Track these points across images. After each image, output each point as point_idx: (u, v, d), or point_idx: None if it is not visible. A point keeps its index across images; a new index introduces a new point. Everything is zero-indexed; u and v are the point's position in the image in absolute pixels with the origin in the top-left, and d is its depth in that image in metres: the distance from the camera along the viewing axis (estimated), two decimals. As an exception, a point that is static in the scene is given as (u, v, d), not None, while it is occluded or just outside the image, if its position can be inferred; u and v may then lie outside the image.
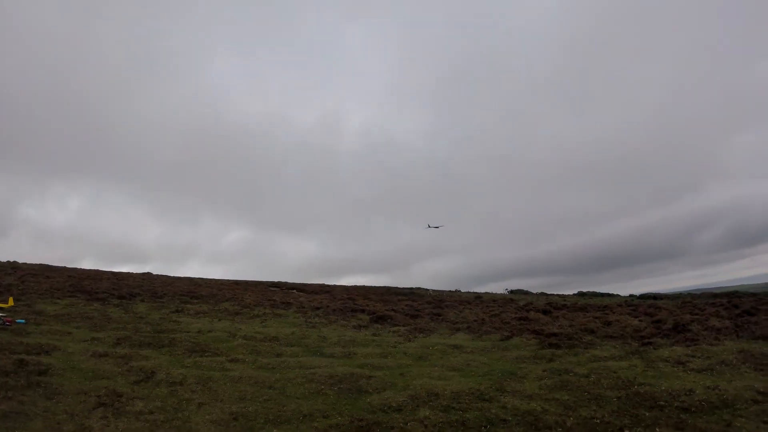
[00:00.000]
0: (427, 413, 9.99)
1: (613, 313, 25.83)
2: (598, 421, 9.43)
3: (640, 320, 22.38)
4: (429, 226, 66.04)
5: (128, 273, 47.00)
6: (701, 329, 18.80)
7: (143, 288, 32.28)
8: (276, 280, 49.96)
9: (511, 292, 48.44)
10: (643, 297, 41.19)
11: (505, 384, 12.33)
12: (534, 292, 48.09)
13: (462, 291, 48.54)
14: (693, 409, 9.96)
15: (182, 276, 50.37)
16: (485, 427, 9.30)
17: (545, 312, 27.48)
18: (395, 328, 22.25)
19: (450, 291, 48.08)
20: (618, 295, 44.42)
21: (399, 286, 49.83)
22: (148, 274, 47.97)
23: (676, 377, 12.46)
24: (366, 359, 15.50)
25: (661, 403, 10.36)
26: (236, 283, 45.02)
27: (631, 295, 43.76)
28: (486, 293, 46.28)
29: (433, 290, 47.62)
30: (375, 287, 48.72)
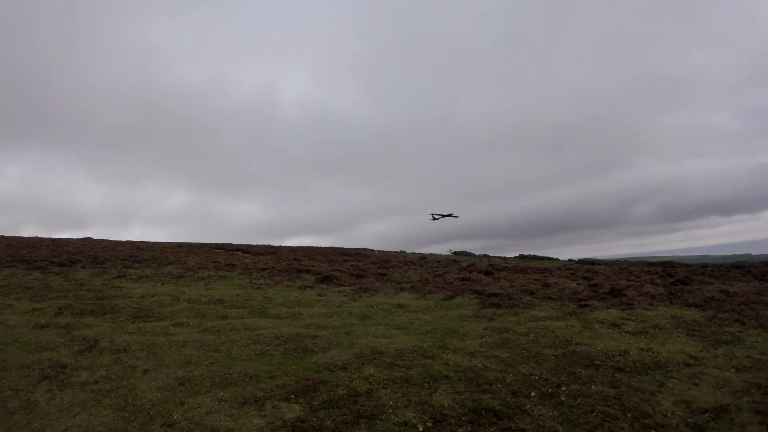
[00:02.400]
0: (372, 371, 10.11)
1: (552, 275, 26.66)
2: (537, 377, 9.78)
3: (577, 283, 23.19)
4: (434, 218, 57.91)
5: (68, 239, 45.40)
6: (636, 294, 19.64)
7: (84, 254, 31.35)
8: (220, 242, 49.16)
9: (455, 253, 49.12)
10: (581, 262, 42.50)
11: (447, 342, 12.62)
12: (477, 254, 48.96)
13: (407, 252, 48.98)
14: (627, 369, 10.47)
15: (124, 240, 49.00)
16: (428, 383, 9.47)
17: (487, 273, 28.12)
18: (341, 288, 22.33)
19: (395, 252, 48.42)
20: (557, 260, 45.72)
21: (344, 247, 49.86)
22: (89, 239, 46.39)
23: (611, 338, 13.06)
24: (311, 319, 15.52)
25: (597, 362, 10.85)
26: (179, 245, 44.02)
27: (569, 260, 45.10)
28: (431, 254, 46.85)
29: (379, 251, 47.81)
30: (320, 248, 48.58)
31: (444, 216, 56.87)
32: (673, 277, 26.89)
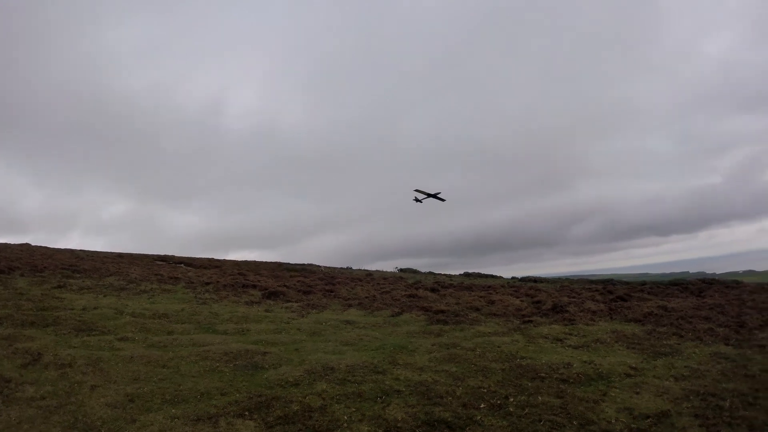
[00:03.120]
0: (324, 386, 10.14)
1: (497, 293, 27.20)
2: (485, 390, 10.06)
3: (521, 300, 23.74)
4: (417, 200, 52.98)
5: (5, 244, 43.38)
6: (578, 310, 20.29)
7: (22, 261, 29.86)
8: (161, 253, 47.88)
9: (401, 270, 49.39)
10: (524, 279, 43.54)
11: (397, 357, 12.78)
12: (423, 271, 49.38)
13: (353, 268, 48.95)
14: (571, 380, 10.92)
15: (63, 248, 47.04)
16: (381, 397, 9.60)
17: (433, 290, 28.48)
18: (288, 304, 22.18)
19: (342, 268, 48.32)
20: (501, 277, 46.62)
21: (290, 262, 49.45)
22: (27, 245, 44.25)
23: (555, 352, 13.52)
24: (260, 335, 15.40)
25: (542, 374, 11.25)
26: (120, 256, 42.58)
27: (513, 278, 46.09)
28: (377, 271, 46.98)
29: (325, 267, 47.60)
30: (266, 263, 47.97)
31: (429, 196, 52.48)
32: (613, 294, 27.89)
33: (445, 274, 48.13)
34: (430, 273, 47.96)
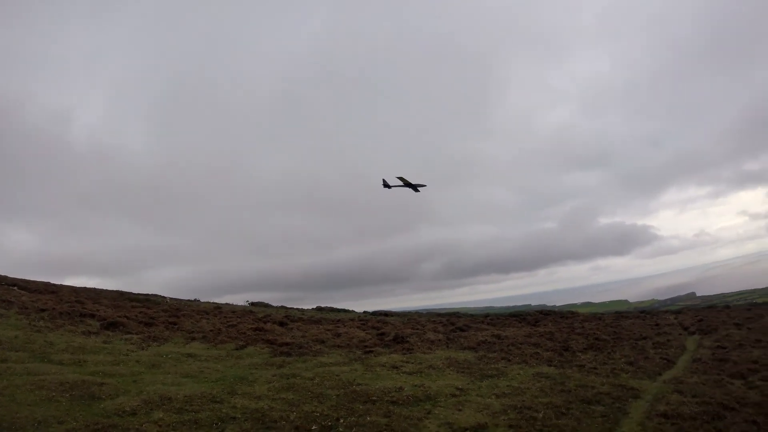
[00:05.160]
0: (161, 415, 10.12)
1: (345, 326, 27.90)
2: (318, 414, 10.62)
3: (366, 332, 24.62)
4: (386, 185, 50.23)
5: None
6: (418, 341, 21.52)
7: None
8: (-7, 272, 43.08)
9: (252, 304, 48.65)
10: (376, 313, 44.69)
11: (236, 387, 12.94)
12: (274, 305, 48.94)
13: (201, 301, 47.41)
14: (401, 402, 11.85)
15: None
16: (216, 424, 9.81)
17: (282, 324, 28.55)
18: (128, 336, 21.19)
19: (188, 300, 46.63)
20: (353, 311, 47.43)
21: (133, 292, 46.87)
22: None
23: (390, 378, 14.43)
24: (97, 367, 14.72)
25: (374, 398, 12.05)
26: (-58, 275, 38.16)
27: (364, 312, 47.10)
28: (226, 304, 45.87)
29: (171, 298, 45.67)
30: (107, 290, 44.97)
31: (408, 185, 49.93)
32: (455, 325, 29.80)
33: (297, 308, 48.05)
34: (282, 307, 47.63)
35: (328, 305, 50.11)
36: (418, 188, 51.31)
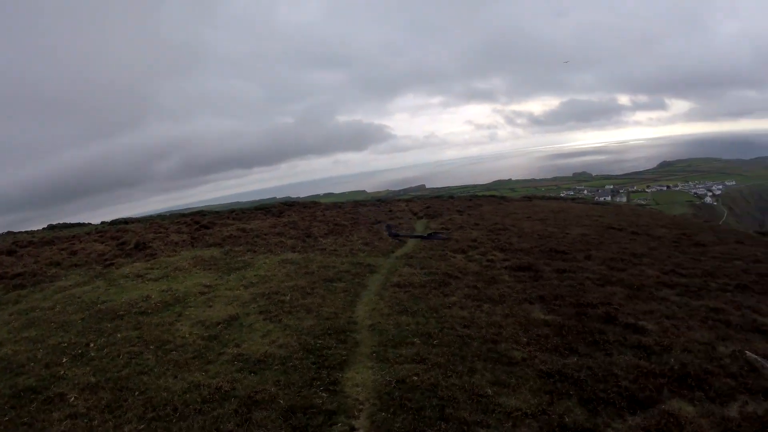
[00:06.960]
0: None
1: (81, 242, 26.29)
2: (66, 344, 10.32)
3: (106, 245, 23.57)
4: None
5: None
6: (162, 245, 21.35)
7: None
8: None
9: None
10: (114, 222, 42.43)
11: (-33, 339, 11.92)
12: None
13: None
14: (150, 311, 12.11)
15: None
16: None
17: (10, 253, 25.92)
18: None
19: None
20: (90, 224, 44.37)
21: None
22: None
23: (135, 289, 14.44)
24: None
25: (121, 312, 12.10)
26: None
27: (102, 222, 44.37)
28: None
29: None
30: None
31: None
32: (200, 223, 29.84)
33: (26, 231, 43.54)
34: (9, 233, 42.72)
35: (62, 221, 46.30)
36: None
